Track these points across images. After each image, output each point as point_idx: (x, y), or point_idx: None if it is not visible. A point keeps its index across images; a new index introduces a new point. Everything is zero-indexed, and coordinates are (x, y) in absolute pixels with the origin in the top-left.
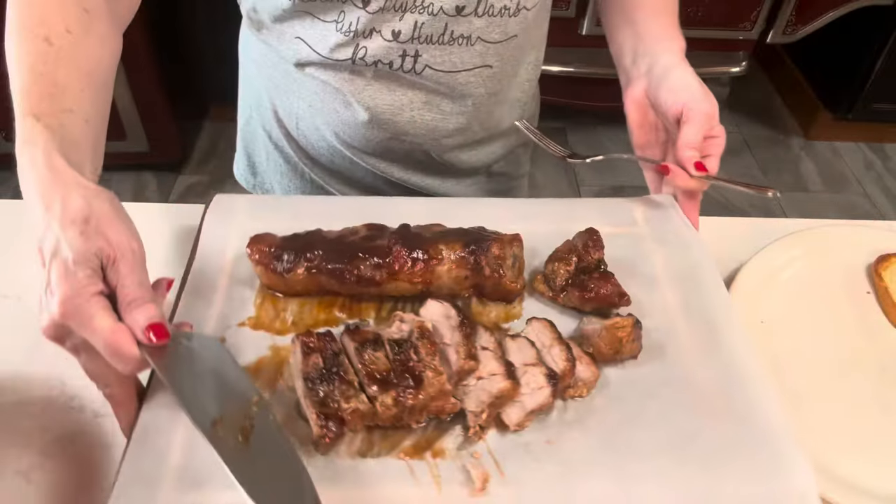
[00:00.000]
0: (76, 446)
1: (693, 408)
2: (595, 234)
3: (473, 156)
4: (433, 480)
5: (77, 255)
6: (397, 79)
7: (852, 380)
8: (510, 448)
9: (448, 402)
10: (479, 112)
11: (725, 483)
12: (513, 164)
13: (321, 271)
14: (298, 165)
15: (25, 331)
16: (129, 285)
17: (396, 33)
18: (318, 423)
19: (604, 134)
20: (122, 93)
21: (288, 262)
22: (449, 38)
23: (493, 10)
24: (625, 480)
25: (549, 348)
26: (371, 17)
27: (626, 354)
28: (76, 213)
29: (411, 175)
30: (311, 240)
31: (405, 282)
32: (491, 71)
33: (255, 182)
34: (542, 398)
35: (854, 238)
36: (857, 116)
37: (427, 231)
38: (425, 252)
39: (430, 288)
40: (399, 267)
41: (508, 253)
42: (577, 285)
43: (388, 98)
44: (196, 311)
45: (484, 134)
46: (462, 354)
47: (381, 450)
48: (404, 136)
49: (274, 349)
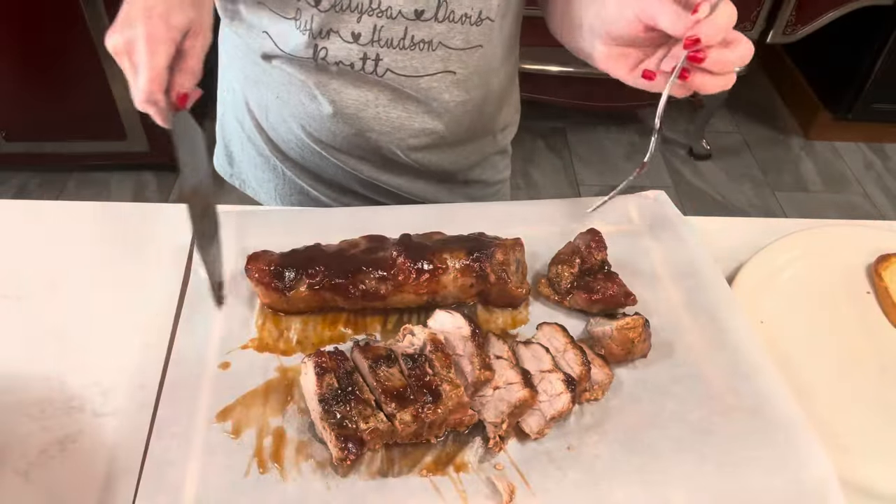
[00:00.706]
0: (76, 446)
1: (706, 404)
2: (597, 234)
3: (444, 158)
4: (459, 496)
5: (177, 8)
6: (361, 77)
7: (852, 380)
8: (532, 457)
9: (466, 415)
10: (446, 117)
11: (748, 478)
12: (489, 170)
13: (324, 287)
14: (271, 159)
15: (25, 331)
16: (194, 56)
17: (356, 35)
18: (338, 446)
19: (604, 134)
20: (123, 93)
21: (289, 280)
22: (410, 43)
23: (453, 17)
24: (650, 484)
25: (562, 353)
26: (324, 16)
27: (638, 354)
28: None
29: (380, 174)
30: (311, 255)
31: (411, 293)
32: (455, 77)
33: (231, 172)
34: (562, 404)
35: (854, 238)
36: (857, 116)
37: (427, 240)
38: (429, 262)
39: (436, 298)
40: (404, 279)
41: (512, 258)
42: (583, 287)
43: (354, 93)
44: (195, 334)
45: (453, 139)
46: (477, 365)
47: (402, 468)
48: (369, 133)
49: (281, 370)
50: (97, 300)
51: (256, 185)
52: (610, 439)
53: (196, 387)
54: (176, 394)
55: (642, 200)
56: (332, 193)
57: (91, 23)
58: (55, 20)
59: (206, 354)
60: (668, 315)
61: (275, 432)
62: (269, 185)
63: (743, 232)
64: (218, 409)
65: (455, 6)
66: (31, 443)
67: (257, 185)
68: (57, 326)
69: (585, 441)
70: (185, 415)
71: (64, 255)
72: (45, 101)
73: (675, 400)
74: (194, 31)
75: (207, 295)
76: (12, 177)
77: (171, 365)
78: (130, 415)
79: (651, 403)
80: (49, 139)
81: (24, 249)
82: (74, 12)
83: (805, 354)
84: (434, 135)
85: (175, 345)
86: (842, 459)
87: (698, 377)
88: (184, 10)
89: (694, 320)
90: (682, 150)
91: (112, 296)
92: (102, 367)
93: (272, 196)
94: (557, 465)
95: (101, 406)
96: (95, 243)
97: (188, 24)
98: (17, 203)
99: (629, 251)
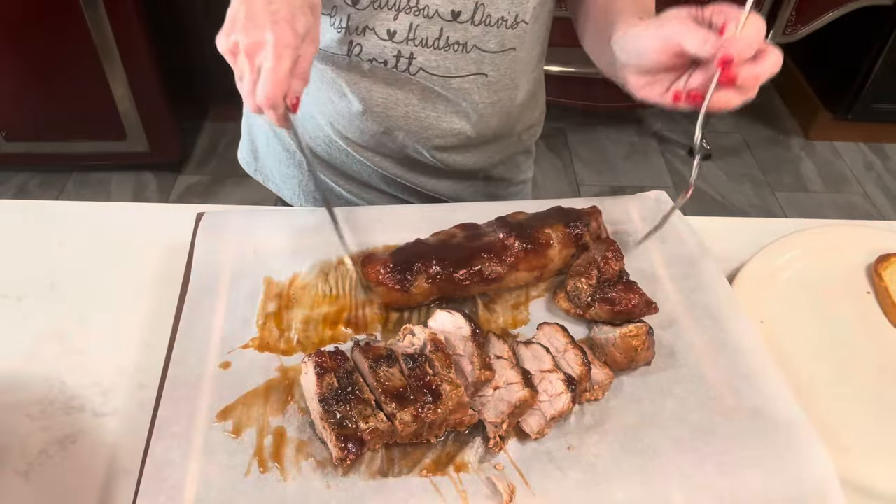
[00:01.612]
0: (76, 446)
1: (706, 404)
2: (612, 244)
3: (468, 158)
4: (459, 496)
5: (300, 13)
6: (393, 75)
7: (852, 380)
8: (532, 457)
9: (466, 415)
10: (474, 118)
11: (749, 478)
12: (512, 169)
13: (443, 279)
14: (296, 155)
15: (25, 331)
16: (307, 61)
17: (392, 33)
18: (338, 445)
19: (604, 134)
20: (123, 93)
21: (409, 277)
22: (445, 44)
23: (489, 20)
24: (650, 484)
25: (563, 353)
26: (362, 13)
27: (641, 362)
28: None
29: (405, 171)
30: (418, 251)
31: (524, 271)
32: (486, 79)
33: (256, 166)
34: (562, 405)
35: (854, 238)
36: (857, 116)
37: (517, 219)
38: (535, 239)
39: (544, 273)
40: (516, 259)
41: (601, 222)
42: (605, 300)
43: (384, 92)
44: (195, 334)
45: (479, 139)
46: (477, 365)
47: (402, 468)
48: (397, 131)
49: (282, 370)
50: (97, 300)
51: (280, 181)
52: (610, 439)
53: (196, 387)
54: (176, 394)
55: (642, 200)
56: (355, 190)
57: (91, 23)
58: (55, 20)
59: (207, 354)
60: (669, 315)
61: (275, 432)
62: (294, 182)
63: (743, 232)
64: (218, 408)
65: (492, 10)
66: (31, 443)
67: (281, 181)
68: (57, 326)
69: (586, 441)
70: (185, 415)
71: (64, 255)
72: (45, 101)
73: (675, 400)
74: (312, 37)
75: (207, 295)
76: (12, 177)
77: (171, 365)
78: (130, 415)
79: (651, 404)
80: (49, 139)
81: (24, 249)
82: (74, 12)
83: (805, 354)
84: (461, 135)
85: (175, 345)
86: (842, 459)
87: (699, 377)
88: (305, 15)
89: (694, 320)
90: (682, 150)
91: (112, 296)
92: (102, 367)
93: (295, 192)
94: (558, 465)
95: (101, 406)
96: (95, 243)
97: (308, 29)
98: (17, 203)
99: (629, 251)
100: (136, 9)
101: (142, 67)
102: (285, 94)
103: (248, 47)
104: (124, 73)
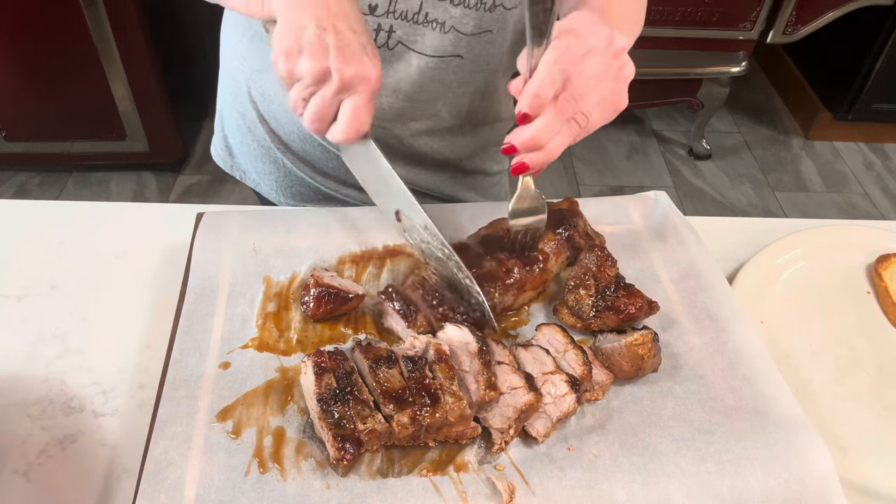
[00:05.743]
0: (76, 446)
1: (707, 404)
2: (603, 250)
3: (445, 146)
4: (459, 496)
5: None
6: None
7: (852, 380)
8: (532, 458)
9: (469, 428)
10: (449, 99)
11: (749, 477)
12: (488, 160)
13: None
14: (272, 150)
15: (25, 331)
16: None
17: (373, 7)
18: (336, 446)
19: (604, 134)
20: (123, 93)
21: (413, 312)
22: (424, 19)
23: (468, 2)
24: (650, 484)
25: (563, 354)
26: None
27: (648, 370)
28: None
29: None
30: (421, 283)
31: (531, 290)
32: (461, 61)
33: (232, 163)
34: (567, 406)
35: (854, 238)
36: (857, 116)
37: (501, 233)
38: (534, 260)
39: (546, 284)
40: (521, 280)
41: (581, 214)
42: (610, 308)
43: None
44: (195, 335)
45: (453, 122)
46: (482, 384)
47: (402, 468)
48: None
49: (282, 370)
50: (97, 300)
51: (257, 177)
52: (611, 439)
53: (196, 387)
54: (176, 394)
55: (642, 201)
56: (332, 185)
57: (91, 23)
58: (55, 20)
59: (207, 354)
60: (669, 315)
61: (275, 432)
62: (270, 178)
63: (743, 232)
64: (218, 408)
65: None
66: (31, 443)
67: (258, 176)
68: (57, 326)
69: (586, 441)
70: (185, 415)
71: (64, 255)
72: (45, 101)
73: (675, 400)
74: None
75: (207, 295)
76: (12, 177)
77: (171, 365)
78: (130, 415)
79: (651, 404)
80: (49, 139)
81: (24, 249)
82: (75, 12)
83: (805, 354)
84: (436, 117)
85: (175, 345)
86: (842, 459)
87: (699, 377)
88: (371, 42)
89: (694, 320)
90: (682, 150)
91: (112, 296)
92: (102, 367)
93: (273, 188)
94: (558, 466)
95: (101, 406)
96: (95, 243)
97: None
98: (17, 203)
99: (629, 251)
100: (136, 9)
101: (142, 67)
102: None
103: (347, 78)
104: (124, 73)
